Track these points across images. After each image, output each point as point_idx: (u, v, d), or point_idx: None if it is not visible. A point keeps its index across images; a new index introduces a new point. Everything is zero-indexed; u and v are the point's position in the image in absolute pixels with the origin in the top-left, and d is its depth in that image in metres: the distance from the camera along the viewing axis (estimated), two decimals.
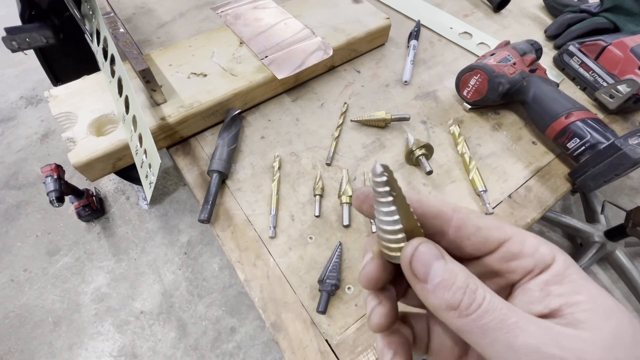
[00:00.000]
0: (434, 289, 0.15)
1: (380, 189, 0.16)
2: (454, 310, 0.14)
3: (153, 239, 1.21)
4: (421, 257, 0.15)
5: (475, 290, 0.14)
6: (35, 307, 1.07)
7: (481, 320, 0.14)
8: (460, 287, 0.15)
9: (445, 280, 0.15)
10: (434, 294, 0.15)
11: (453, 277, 0.15)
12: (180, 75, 0.51)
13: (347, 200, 0.44)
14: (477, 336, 0.14)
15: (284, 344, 0.36)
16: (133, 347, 1.02)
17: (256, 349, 1.03)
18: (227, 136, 0.48)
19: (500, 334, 0.13)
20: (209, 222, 0.43)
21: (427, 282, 0.15)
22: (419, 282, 0.15)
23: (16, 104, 1.57)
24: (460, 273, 0.15)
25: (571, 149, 0.46)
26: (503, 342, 0.13)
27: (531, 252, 0.16)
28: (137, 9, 0.67)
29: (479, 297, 0.14)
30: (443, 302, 0.15)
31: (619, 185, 1.37)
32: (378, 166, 0.16)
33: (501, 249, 0.17)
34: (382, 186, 0.16)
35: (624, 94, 0.51)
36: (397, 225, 0.16)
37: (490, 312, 0.14)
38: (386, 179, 0.16)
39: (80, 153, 0.43)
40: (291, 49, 0.55)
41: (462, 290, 0.14)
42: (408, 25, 0.68)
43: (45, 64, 0.79)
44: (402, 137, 0.52)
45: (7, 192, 1.29)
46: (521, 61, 0.53)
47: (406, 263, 0.16)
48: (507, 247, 0.16)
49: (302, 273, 0.40)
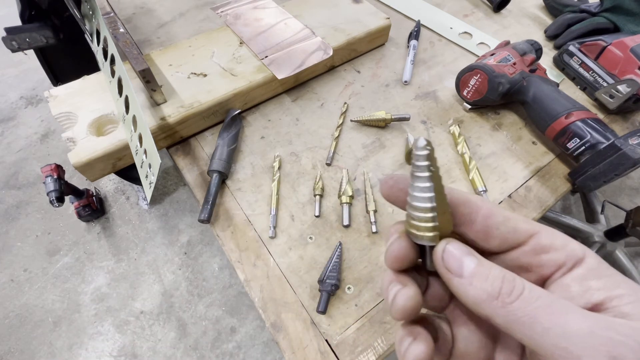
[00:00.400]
0: (470, 281, 0.15)
1: (420, 162, 0.16)
2: (495, 299, 0.14)
3: (153, 239, 1.21)
4: (452, 252, 0.16)
5: (513, 279, 0.14)
6: (35, 307, 1.07)
7: (527, 307, 0.13)
8: (497, 276, 0.14)
9: (481, 272, 0.15)
10: (472, 285, 0.15)
11: (488, 269, 0.15)
12: (180, 75, 0.51)
13: (347, 200, 0.44)
14: (525, 325, 0.13)
15: (284, 344, 0.36)
16: (133, 347, 1.02)
17: (256, 349, 1.03)
18: (227, 136, 0.48)
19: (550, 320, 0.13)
20: (209, 222, 0.43)
21: (462, 275, 0.15)
22: (454, 276, 0.15)
23: (16, 104, 1.57)
24: (494, 265, 0.15)
25: (571, 149, 0.46)
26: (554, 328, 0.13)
27: (562, 246, 0.16)
28: (137, 9, 0.67)
29: (518, 285, 0.14)
30: (482, 292, 0.14)
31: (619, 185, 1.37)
32: (422, 139, 0.16)
33: (531, 241, 0.16)
34: (422, 160, 0.16)
35: (624, 94, 0.51)
36: (430, 203, 0.16)
37: (535, 299, 0.13)
38: (427, 153, 0.16)
39: (80, 153, 0.43)
40: (291, 49, 0.55)
41: (500, 279, 0.14)
42: (408, 25, 0.68)
43: (45, 64, 0.79)
44: (402, 137, 0.52)
45: (7, 192, 1.29)
46: (521, 61, 0.53)
47: (439, 259, 0.16)
48: (537, 239, 0.16)
49: (302, 273, 0.40)
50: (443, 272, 0.16)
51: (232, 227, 0.43)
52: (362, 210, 0.45)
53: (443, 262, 0.16)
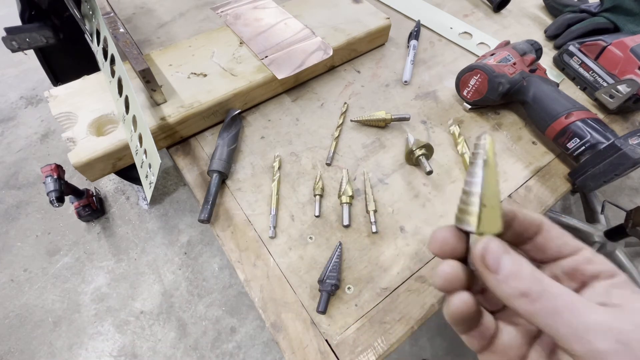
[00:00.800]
0: (505, 279, 0.17)
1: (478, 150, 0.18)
2: (525, 297, 0.16)
3: (153, 239, 1.21)
4: (492, 250, 0.17)
5: (541, 278, 0.16)
6: (35, 307, 1.07)
7: (552, 303, 0.15)
8: (527, 275, 0.16)
9: (514, 271, 0.17)
10: (506, 283, 0.17)
11: (520, 267, 0.17)
12: (180, 75, 0.51)
13: (347, 200, 0.44)
14: (550, 319, 0.15)
15: (284, 344, 0.36)
16: (133, 347, 1.02)
17: (256, 349, 1.03)
18: (227, 136, 0.48)
19: (572, 313, 0.15)
20: (209, 222, 0.43)
21: (499, 273, 0.17)
22: (490, 273, 0.17)
23: (16, 104, 1.57)
24: (525, 263, 0.17)
25: (571, 149, 0.46)
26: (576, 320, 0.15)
27: (601, 261, 0.19)
28: (137, 9, 0.67)
29: (545, 284, 0.16)
30: (515, 290, 0.16)
31: (619, 185, 1.37)
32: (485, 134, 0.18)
33: (581, 254, 0.19)
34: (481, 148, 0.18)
35: (624, 94, 0.51)
36: (478, 189, 0.17)
37: (559, 295, 0.16)
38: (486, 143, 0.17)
39: (80, 153, 0.43)
40: (291, 49, 0.55)
41: (529, 278, 0.16)
42: (408, 25, 0.68)
43: (45, 64, 0.79)
44: (402, 137, 0.52)
45: (7, 192, 1.29)
46: (521, 61, 0.53)
47: (479, 257, 0.18)
48: (584, 253, 0.19)
49: (302, 273, 0.40)
50: (481, 268, 0.18)
51: (232, 227, 0.43)
52: (362, 210, 0.45)
53: (482, 258, 0.17)
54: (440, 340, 1.04)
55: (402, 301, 0.39)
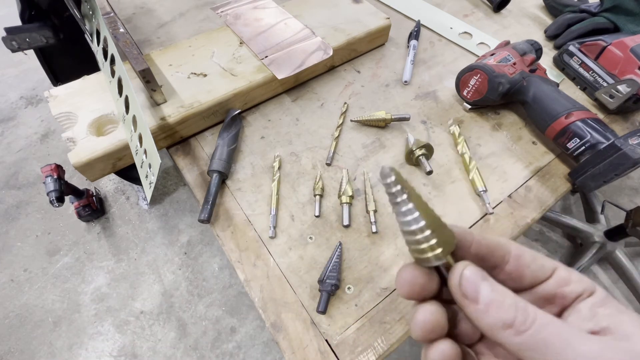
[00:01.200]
0: (486, 309, 0.15)
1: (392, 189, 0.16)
2: (510, 328, 0.15)
3: (153, 239, 1.21)
4: (468, 278, 0.16)
5: (525, 307, 0.15)
6: (35, 307, 1.07)
7: (539, 335, 0.14)
8: (511, 304, 0.15)
9: (496, 299, 0.15)
10: (487, 313, 0.15)
11: (502, 296, 0.15)
12: (180, 75, 0.51)
13: (347, 200, 0.44)
14: (537, 352, 0.14)
15: (284, 344, 0.36)
16: (133, 347, 1.02)
17: (256, 349, 1.03)
18: (227, 136, 0.48)
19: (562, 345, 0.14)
20: (209, 222, 0.43)
21: (479, 302, 0.15)
22: (470, 303, 0.16)
23: (16, 104, 1.57)
24: (508, 292, 0.16)
25: (571, 149, 0.46)
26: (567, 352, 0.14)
27: (579, 279, 0.17)
28: (137, 9, 0.67)
29: (531, 313, 0.15)
30: (498, 320, 0.15)
31: (619, 185, 1.37)
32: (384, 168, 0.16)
33: (556, 275, 0.18)
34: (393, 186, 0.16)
35: (624, 94, 0.51)
36: (421, 222, 0.16)
37: (546, 325, 0.14)
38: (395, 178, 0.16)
39: (80, 153, 0.43)
40: (291, 49, 0.55)
41: (514, 307, 0.15)
42: (408, 25, 0.68)
43: (45, 64, 0.79)
44: (402, 137, 0.52)
45: (7, 192, 1.29)
46: (521, 61, 0.53)
47: (455, 284, 0.16)
48: (558, 274, 0.18)
49: (302, 273, 0.40)
50: (459, 298, 0.16)
51: (232, 227, 0.43)
52: (362, 210, 0.45)
53: (460, 287, 0.16)
54: None
55: (402, 301, 0.39)
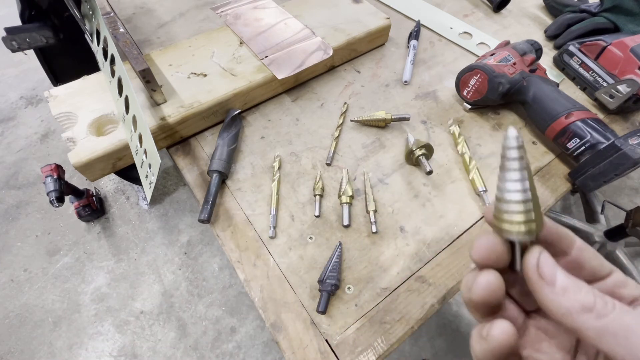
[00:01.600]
0: (563, 292, 0.15)
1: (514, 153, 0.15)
2: (590, 312, 0.14)
3: (153, 239, 1.21)
4: (547, 260, 0.16)
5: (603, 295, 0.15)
6: (35, 307, 1.07)
7: (622, 320, 0.14)
8: (589, 290, 0.15)
9: (573, 284, 0.15)
10: (565, 296, 0.15)
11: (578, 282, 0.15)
12: (180, 75, 0.51)
13: (347, 200, 0.44)
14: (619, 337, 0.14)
15: (284, 344, 0.36)
16: (133, 347, 1.02)
17: (256, 349, 1.03)
18: (227, 136, 0.48)
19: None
20: (209, 222, 0.43)
21: (555, 285, 0.15)
22: (545, 285, 0.16)
23: (16, 104, 1.57)
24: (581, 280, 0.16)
25: (571, 149, 0.46)
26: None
27: (635, 285, 0.17)
28: (137, 9, 0.67)
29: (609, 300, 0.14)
30: (577, 303, 0.15)
31: (619, 185, 1.37)
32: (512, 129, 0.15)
33: (613, 276, 0.18)
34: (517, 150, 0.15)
35: (624, 94, 0.51)
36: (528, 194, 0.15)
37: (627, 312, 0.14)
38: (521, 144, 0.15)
39: (80, 153, 0.43)
40: (291, 49, 0.55)
41: (592, 292, 0.15)
42: (408, 25, 0.68)
43: (45, 64, 0.79)
44: (402, 137, 0.52)
45: (7, 192, 1.29)
46: (521, 61, 0.53)
47: (533, 264, 0.16)
48: (616, 276, 0.18)
49: (302, 273, 0.40)
50: (534, 278, 0.16)
51: (232, 227, 0.43)
52: (362, 210, 0.45)
53: (538, 267, 0.16)
54: (440, 341, 1.04)
55: (402, 301, 0.39)
